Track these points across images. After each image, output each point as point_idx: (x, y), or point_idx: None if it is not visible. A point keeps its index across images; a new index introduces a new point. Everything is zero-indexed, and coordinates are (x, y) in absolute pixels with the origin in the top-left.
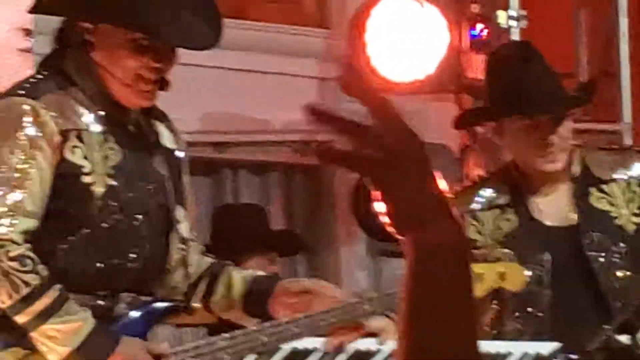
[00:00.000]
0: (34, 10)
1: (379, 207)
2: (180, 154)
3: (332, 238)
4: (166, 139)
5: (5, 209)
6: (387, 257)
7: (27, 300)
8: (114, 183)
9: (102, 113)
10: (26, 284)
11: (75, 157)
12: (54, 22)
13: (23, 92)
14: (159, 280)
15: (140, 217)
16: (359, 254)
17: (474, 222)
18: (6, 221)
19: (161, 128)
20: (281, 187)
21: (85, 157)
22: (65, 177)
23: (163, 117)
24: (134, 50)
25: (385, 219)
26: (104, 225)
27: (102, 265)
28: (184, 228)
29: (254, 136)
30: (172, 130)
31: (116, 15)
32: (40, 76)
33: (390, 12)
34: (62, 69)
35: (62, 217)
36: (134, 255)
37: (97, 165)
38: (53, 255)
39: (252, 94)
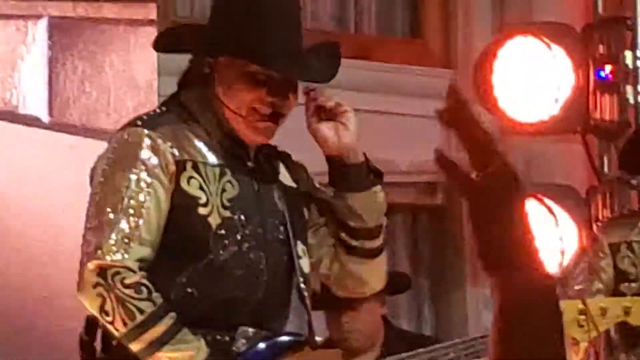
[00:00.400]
0: (155, 46)
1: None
2: (302, 190)
3: (458, 278)
4: (286, 177)
5: (121, 236)
6: None
7: (141, 328)
8: (230, 215)
9: (220, 147)
10: (141, 311)
11: (191, 188)
12: (180, 62)
13: (140, 122)
14: (280, 314)
15: (258, 250)
16: (484, 294)
17: (630, 254)
18: (122, 248)
19: (282, 165)
20: (406, 228)
21: (201, 188)
22: (181, 208)
23: (285, 157)
24: (249, 83)
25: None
26: (221, 257)
27: (221, 298)
28: (304, 263)
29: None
30: (293, 167)
31: (235, 47)
32: (159, 110)
33: (516, 53)
34: (181, 103)
35: (178, 249)
36: (253, 288)
37: (213, 197)
38: (170, 287)
39: (378, 135)
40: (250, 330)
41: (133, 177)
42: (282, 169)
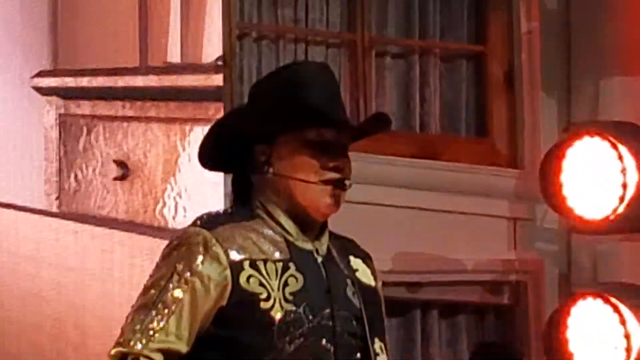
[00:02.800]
0: (206, 152)
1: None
2: (379, 290)
3: None
4: (364, 275)
5: (146, 326)
6: None
7: None
8: (294, 308)
9: (286, 243)
10: None
11: (251, 285)
12: None
13: (200, 222)
14: None
15: (327, 343)
16: None
17: None
18: (144, 338)
19: (359, 263)
20: (472, 328)
21: (262, 285)
22: (242, 305)
23: (365, 256)
24: (309, 152)
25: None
26: (287, 350)
27: None
28: None
29: (445, 276)
30: (372, 268)
31: (287, 117)
32: (222, 210)
33: (583, 153)
34: (248, 200)
35: (243, 345)
36: None
37: (275, 291)
38: None
39: (444, 234)
40: None
41: (177, 273)
42: (361, 265)
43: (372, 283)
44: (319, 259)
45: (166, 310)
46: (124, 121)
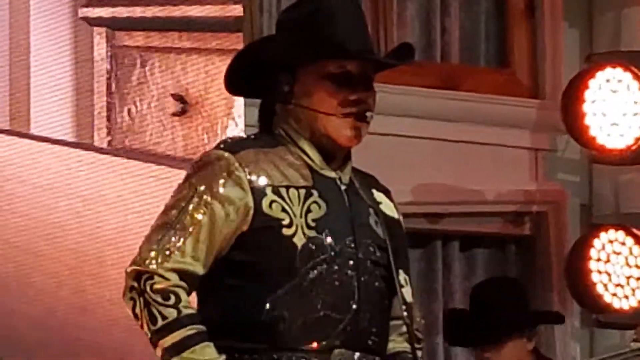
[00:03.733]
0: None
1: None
2: (402, 223)
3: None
4: (388, 207)
5: (163, 246)
6: (601, 328)
7: (159, 333)
8: (316, 235)
9: (309, 169)
10: (163, 317)
11: (273, 211)
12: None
13: (223, 145)
14: (375, 337)
15: (349, 269)
16: (573, 325)
17: None
18: (160, 257)
19: (382, 197)
20: (493, 259)
21: (284, 210)
22: (264, 230)
23: (386, 190)
24: (332, 85)
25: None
26: (309, 277)
27: (311, 318)
28: (406, 292)
29: (466, 207)
30: (393, 202)
31: (312, 51)
32: (244, 135)
33: (605, 83)
34: (269, 128)
35: (265, 271)
36: (344, 307)
37: (297, 218)
38: (259, 309)
39: (465, 165)
40: (343, 352)
41: (197, 195)
42: (384, 198)
43: (396, 215)
44: (342, 187)
45: (184, 231)
46: (181, 53)
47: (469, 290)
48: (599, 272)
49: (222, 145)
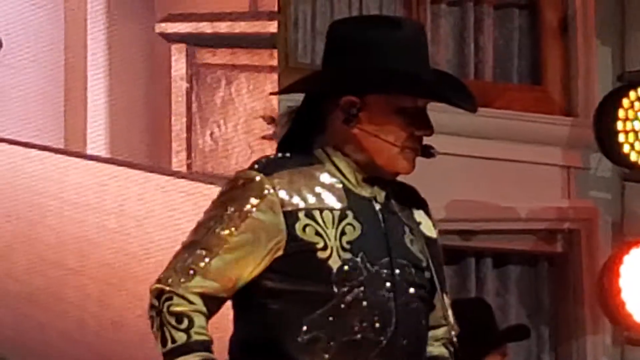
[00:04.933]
0: (287, 90)
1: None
2: (439, 242)
3: (577, 327)
4: (427, 227)
5: (188, 265)
6: (632, 345)
7: (168, 356)
8: (351, 257)
9: (345, 189)
10: (173, 340)
11: (307, 235)
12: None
13: (258, 166)
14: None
15: (385, 291)
16: (604, 343)
17: None
18: (183, 277)
19: (422, 215)
20: (525, 276)
21: (318, 234)
22: (299, 255)
23: (425, 205)
24: (402, 118)
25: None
26: (346, 299)
27: (348, 340)
28: (450, 313)
29: (499, 224)
30: (432, 218)
31: (392, 83)
32: (280, 155)
33: (637, 101)
34: (306, 148)
35: (302, 294)
36: (381, 329)
37: (331, 240)
38: (297, 332)
39: (498, 182)
40: None
41: (227, 216)
42: (424, 217)
43: (434, 235)
44: (377, 207)
45: (210, 252)
46: (271, 71)
47: (502, 307)
48: (630, 289)
49: (256, 166)
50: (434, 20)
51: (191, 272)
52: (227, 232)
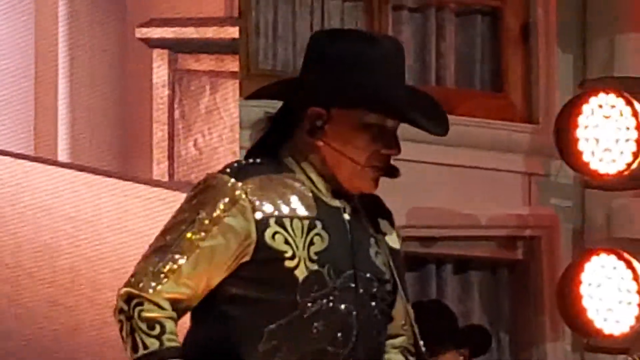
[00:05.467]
0: (258, 95)
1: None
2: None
3: (537, 333)
4: (392, 239)
5: (159, 270)
6: (592, 352)
7: None
8: (318, 268)
9: (314, 198)
10: (145, 346)
11: (276, 243)
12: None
13: (230, 171)
14: None
15: (348, 304)
16: (564, 349)
17: None
18: (154, 282)
19: (387, 225)
20: (486, 283)
21: (287, 243)
22: (266, 263)
23: (388, 215)
24: (367, 135)
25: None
26: (309, 311)
27: (308, 351)
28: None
29: (460, 231)
30: (396, 229)
31: (359, 99)
32: (252, 160)
33: (598, 109)
34: (276, 155)
35: (266, 302)
36: (342, 342)
37: (299, 250)
38: (258, 339)
39: (459, 189)
40: None
41: (199, 220)
42: (389, 227)
43: (397, 246)
44: (346, 217)
45: (181, 256)
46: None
47: (463, 314)
48: (591, 296)
49: (228, 170)
50: (396, 26)
51: (163, 276)
52: (198, 236)
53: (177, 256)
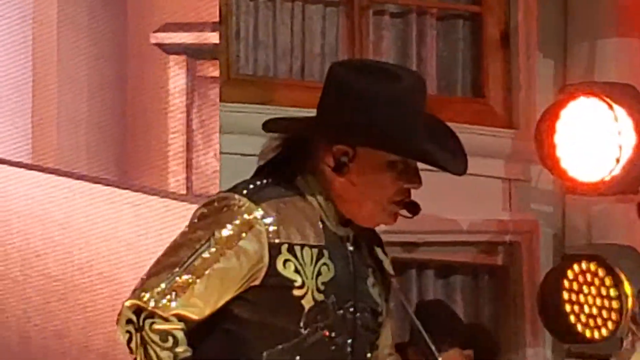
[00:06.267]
0: (273, 128)
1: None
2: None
3: (517, 339)
4: (386, 263)
5: (171, 287)
6: (572, 358)
7: None
8: (324, 299)
9: (323, 226)
10: (158, 358)
11: (287, 270)
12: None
13: (246, 192)
14: None
15: (346, 335)
16: (545, 355)
17: None
18: (166, 299)
19: (380, 252)
20: (467, 288)
21: (297, 271)
22: (275, 289)
23: (380, 241)
24: (393, 172)
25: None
26: (310, 339)
27: None
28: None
29: (441, 236)
30: (386, 254)
31: (383, 141)
32: (265, 180)
33: (579, 113)
34: (288, 176)
35: (270, 326)
36: None
37: (308, 279)
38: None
39: (440, 194)
40: None
41: (214, 240)
42: (382, 255)
43: (392, 271)
44: (349, 247)
45: (194, 276)
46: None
47: None
48: (571, 302)
49: (244, 191)
50: (376, 31)
51: (174, 294)
52: (212, 257)
53: (189, 275)
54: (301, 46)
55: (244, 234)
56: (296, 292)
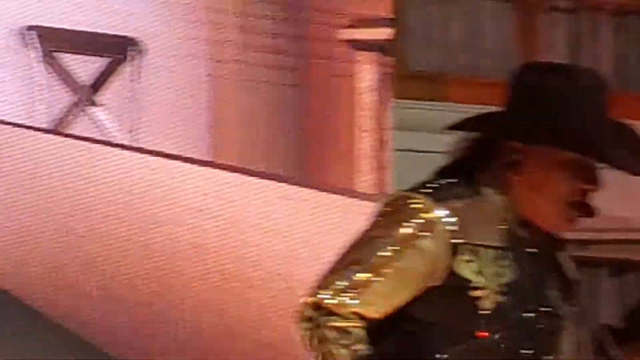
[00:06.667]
0: (459, 127)
1: None
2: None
3: None
4: (570, 269)
5: (352, 285)
6: None
7: None
8: (503, 300)
9: (505, 228)
10: (337, 356)
11: (466, 272)
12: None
13: (426, 191)
14: None
15: (525, 339)
16: None
17: None
18: (347, 297)
19: (564, 257)
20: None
21: (476, 272)
22: (454, 290)
23: (562, 245)
24: (568, 171)
25: None
26: (487, 342)
27: None
28: None
29: (615, 234)
30: (569, 258)
31: (557, 138)
32: (445, 180)
33: None
34: (470, 177)
35: (443, 329)
36: None
37: (488, 280)
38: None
39: (611, 192)
40: None
41: (394, 239)
42: (568, 261)
43: (578, 277)
44: (531, 250)
45: (375, 275)
46: None
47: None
48: None
49: (425, 191)
50: (548, 28)
51: (354, 292)
52: (392, 256)
53: (369, 273)
54: (473, 43)
55: (424, 234)
56: (474, 293)
